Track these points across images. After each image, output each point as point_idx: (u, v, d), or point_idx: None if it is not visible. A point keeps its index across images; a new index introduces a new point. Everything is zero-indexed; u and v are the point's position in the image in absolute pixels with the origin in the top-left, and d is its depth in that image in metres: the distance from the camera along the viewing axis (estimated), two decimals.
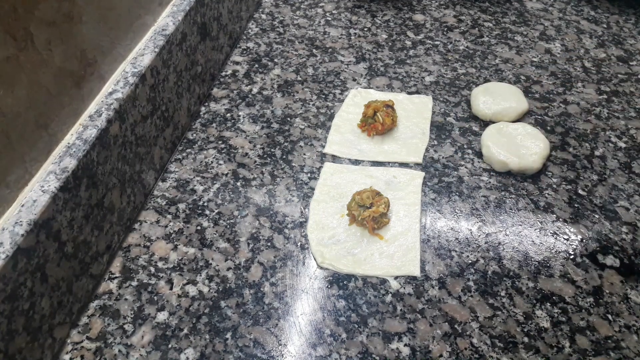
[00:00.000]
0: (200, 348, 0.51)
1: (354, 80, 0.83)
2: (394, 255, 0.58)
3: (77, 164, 0.50)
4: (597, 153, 0.71)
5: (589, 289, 0.56)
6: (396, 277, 0.57)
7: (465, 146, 0.72)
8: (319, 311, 0.54)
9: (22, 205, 0.45)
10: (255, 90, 0.81)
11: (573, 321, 0.54)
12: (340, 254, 0.58)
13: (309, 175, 0.68)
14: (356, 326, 0.53)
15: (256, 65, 0.86)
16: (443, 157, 0.70)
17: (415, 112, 0.76)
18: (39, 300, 0.46)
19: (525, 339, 0.52)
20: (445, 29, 0.94)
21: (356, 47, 0.89)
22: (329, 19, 0.96)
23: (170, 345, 0.51)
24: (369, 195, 0.60)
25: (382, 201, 0.60)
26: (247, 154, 0.71)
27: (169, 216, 0.63)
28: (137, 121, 0.60)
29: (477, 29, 0.94)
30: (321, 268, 0.58)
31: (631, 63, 0.87)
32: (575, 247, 0.60)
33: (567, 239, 0.61)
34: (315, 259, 0.58)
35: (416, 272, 0.57)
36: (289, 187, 0.67)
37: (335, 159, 0.70)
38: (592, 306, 0.55)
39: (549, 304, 0.55)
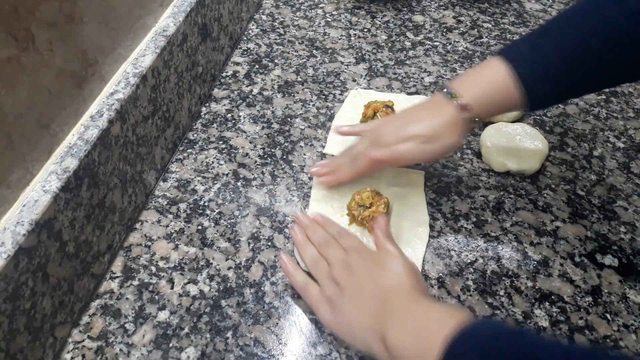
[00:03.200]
0: (201, 347, 0.51)
1: (354, 80, 0.83)
2: None
3: (78, 164, 0.50)
4: (595, 153, 0.72)
5: (587, 289, 0.56)
6: None
7: (464, 146, 0.72)
8: None
9: (24, 205, 0.46)
10: (255, 90, 0.81)
11: (572, 320, 0.54)
12: None
13: (309, 175, 0.68)
14: None
15: (256, 66, 0.86)
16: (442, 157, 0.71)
17: None
18: (41, 300, 0.47)
19: None
20: (445, 29, 0.95)
21: (356, 47, 0.90)
22: (329, 19, 0.97)
23: (171, 344, 0.52)
24: (369, 195, 0.60)
25: (381, 201, 0.60)
26: (247, 154, 0.71)
27: (170, 216, 0.63)
28: (138, 121, 0.60)
29: (476, 29, 0.95)
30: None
31: None
32: (574, 246, 0.60)
33: (566, 239, 0.61)
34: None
35: None
36: (289, 187, 0.67)
37: None
38: (590, 305, 0.55)
39: (547, 303, 0.55)
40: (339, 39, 0.92)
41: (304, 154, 0.71)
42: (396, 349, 0.43)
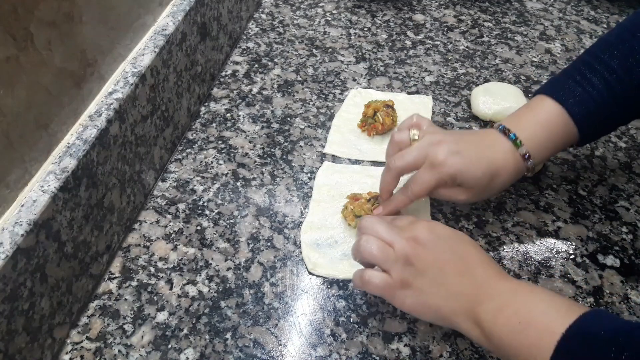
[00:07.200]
0: (200, 348, 0.51)
1: (354, 80, 0.83)
2: None
3: (77, 164, 0.50)
4: (597, 153, 0.71)
5: (589, 289, 0.56)
6: None
7: None
8: (319, 311, 0.54)
9: (22, 205, 0.45)
10: (255, 90, 0.81)
11: None
12: (335, 258, 0.58)
13: (309, 175, 0.68)
14: (356, 326, 0.53)
15: (256, 65, 0.86)
16: None
17: (415, 112, 0.76)
18: (39, 301, 0.46)
19: None
20: (445, 29, 0.94)
21: (356, 47, 0.89)
22: (329, 19, 0.96)
23: (170, 346, 0.51)
24: (364, 203, 0.59)
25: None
26: (247, 154, 0.71)
27: (169, 216, 0.63)
28: (137, 121, 0.60)
29: (477, 29, 0.94)
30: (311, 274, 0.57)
31: None
32: (575, 247, 0.60)
33: (567, 239, 0.61)
34: (305, 266, 0.58)
35: None
36: (289, 187, 0.67)
37: (335, 159, 0.70)
38: (592, 306, 0.55)
39: None
40: (339, 38, 0.91)
41: (304, 154, 0.71)
42: (498, 336, 0.41)
